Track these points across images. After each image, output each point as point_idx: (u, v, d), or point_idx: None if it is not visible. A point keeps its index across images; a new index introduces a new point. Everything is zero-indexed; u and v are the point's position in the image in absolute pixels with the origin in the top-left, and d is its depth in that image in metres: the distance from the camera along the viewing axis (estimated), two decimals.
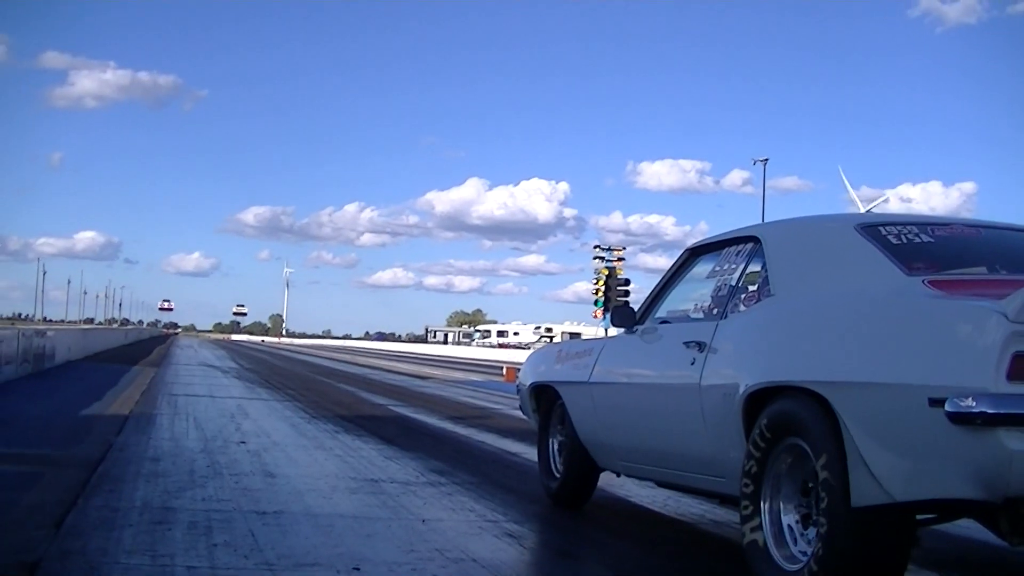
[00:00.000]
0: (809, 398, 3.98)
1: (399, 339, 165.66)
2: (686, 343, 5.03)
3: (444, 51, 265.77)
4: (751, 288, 4.93)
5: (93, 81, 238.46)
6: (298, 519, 5.62)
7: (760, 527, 4.23)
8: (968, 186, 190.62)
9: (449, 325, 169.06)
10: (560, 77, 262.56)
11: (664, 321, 5.67)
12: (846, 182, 74.11)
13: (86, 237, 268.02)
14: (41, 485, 6.29)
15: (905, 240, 4.46)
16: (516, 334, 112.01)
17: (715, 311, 5.12)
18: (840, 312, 4.23)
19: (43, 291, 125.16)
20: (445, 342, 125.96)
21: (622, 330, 6.05)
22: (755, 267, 4.97)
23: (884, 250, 4.35)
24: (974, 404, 3.25)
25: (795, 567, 4.00)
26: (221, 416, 12.11)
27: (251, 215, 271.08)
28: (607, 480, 7.58)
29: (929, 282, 4.03)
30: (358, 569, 4.49)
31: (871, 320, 4.02)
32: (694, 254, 5.81)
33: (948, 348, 3.49)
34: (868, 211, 63.21)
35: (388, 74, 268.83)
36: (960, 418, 3.28)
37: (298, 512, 5.84)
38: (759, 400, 4.34)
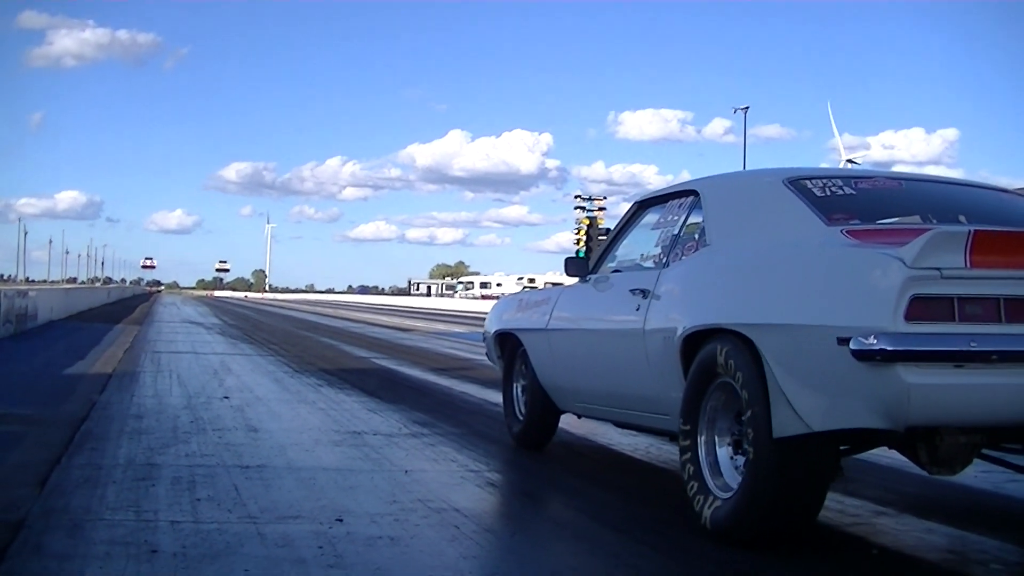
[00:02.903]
0: (737, 339, 4.28)
1: (382, 292, 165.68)
2: (632, 290, 5.33)
3: (425, 3, 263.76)
4: (693, 238, 5.17)
5: (72, 40, 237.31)
6: (281, 473, 5.65)
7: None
8: (950, 133, 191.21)
9: (432, 277, 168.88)
10: (542, 28, 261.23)
11: (616, 270, 5.92)
12: (834, 125, 74.51)
13: (68, 197, 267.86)
14: (24, 444, 6.31)
15: (829, 193, 4.73)
16: (499, 285, 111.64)
17: (659, 260, 5.39)
18: (765, 260, 4.55)
19: (25, 251, 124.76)
20: (428, 294, 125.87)
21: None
22: (696, 218, 5.24)
23: (808, 202, 4.61)
24: (875, 342, 3.56)
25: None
26: (204, 372, 12.12)
27: (233, 171, 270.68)
28: (589, 428, 7.66)
29: (847, 231, 4.28)
30: (341, 521, 4.52)
31: (791, 267, 4.36)
32: (642, 206, 6.06)
33: (855, 292, 3.82)
34: (848, 160, 63.67)
35: (369, 27, 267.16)
36: (863, 355, 3.59)
37: (281, 466, 5.88)
38: (695, 342, 4.64)
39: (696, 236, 5.14)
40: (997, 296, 3.64)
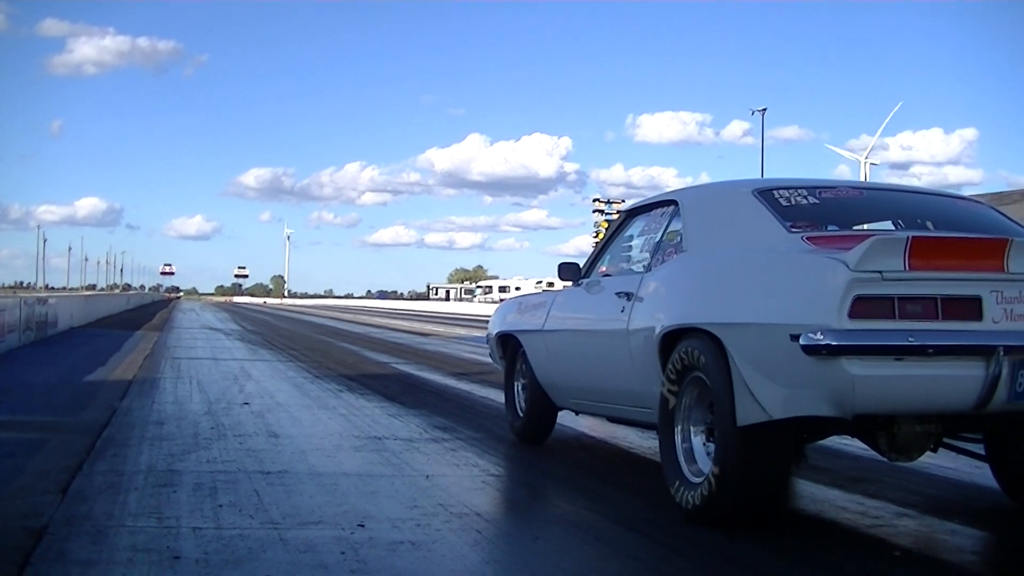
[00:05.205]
0: (706, 337, 4.65)
1: (401, 297, 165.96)
2: (618, 293, 5.73)
3: (442, 7, 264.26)
4: (672, 244, 5.52)
5: (92, 48, 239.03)
6: (302, 478, 5.66)
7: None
8: (969, 132, 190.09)
9: (451, 282, 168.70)
10: (559, 32, 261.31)
11: (606, 274, 6.30)
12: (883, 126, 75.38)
13: (87, 204, 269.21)
14: (46, 451, 6.33)
15: (793, 202, 5.08)
16: (518, 289, 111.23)
17: (643, 265, 5.77)
18: (732, 264, 4.94)
19: (44, 259, 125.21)
20: (447, 299, 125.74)
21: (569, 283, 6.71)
22: (676, 226, 5.58)
23: (773, 211, 4.96)
24: (821, 338, 3.93)
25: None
26: (224, 378, 12.16)
27: (252, 177, 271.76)
28: (608, 432, 7.67)
29: (807, 238, 4.66)
30: (362, 526, 4.53)
31: (753, 271, 4.74)
32: (630, 215, 6.45)
33: (806, 292, 4.21)
34: (866, 160, 63.65)
35: (386, 33, 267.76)
36: (811, 350, 3.96)
37: (302, 471, 5.89)
38: (671, 340, 5.00)
39: (675, 242, 5.48)
40: (934, 295, 4.01)
